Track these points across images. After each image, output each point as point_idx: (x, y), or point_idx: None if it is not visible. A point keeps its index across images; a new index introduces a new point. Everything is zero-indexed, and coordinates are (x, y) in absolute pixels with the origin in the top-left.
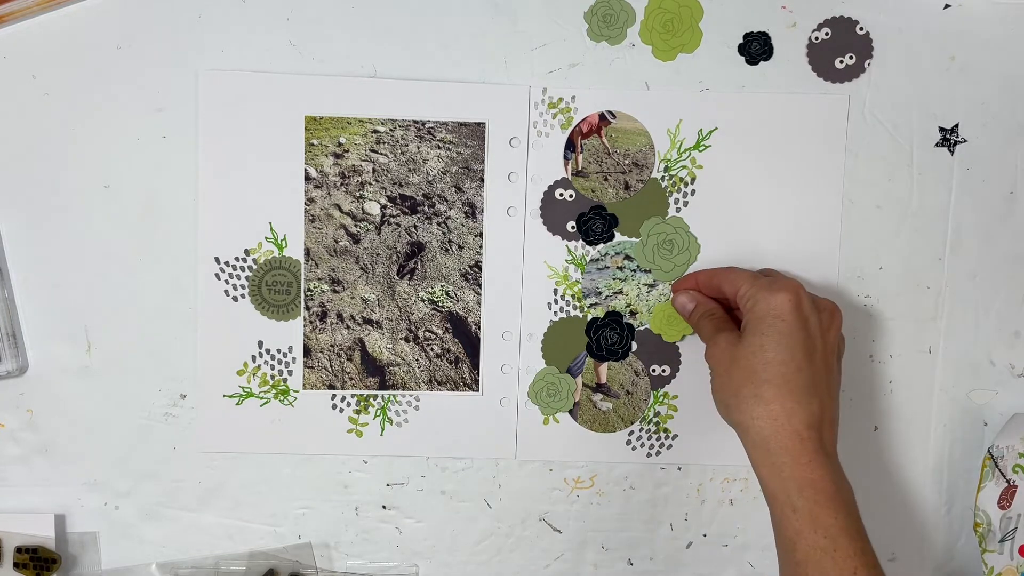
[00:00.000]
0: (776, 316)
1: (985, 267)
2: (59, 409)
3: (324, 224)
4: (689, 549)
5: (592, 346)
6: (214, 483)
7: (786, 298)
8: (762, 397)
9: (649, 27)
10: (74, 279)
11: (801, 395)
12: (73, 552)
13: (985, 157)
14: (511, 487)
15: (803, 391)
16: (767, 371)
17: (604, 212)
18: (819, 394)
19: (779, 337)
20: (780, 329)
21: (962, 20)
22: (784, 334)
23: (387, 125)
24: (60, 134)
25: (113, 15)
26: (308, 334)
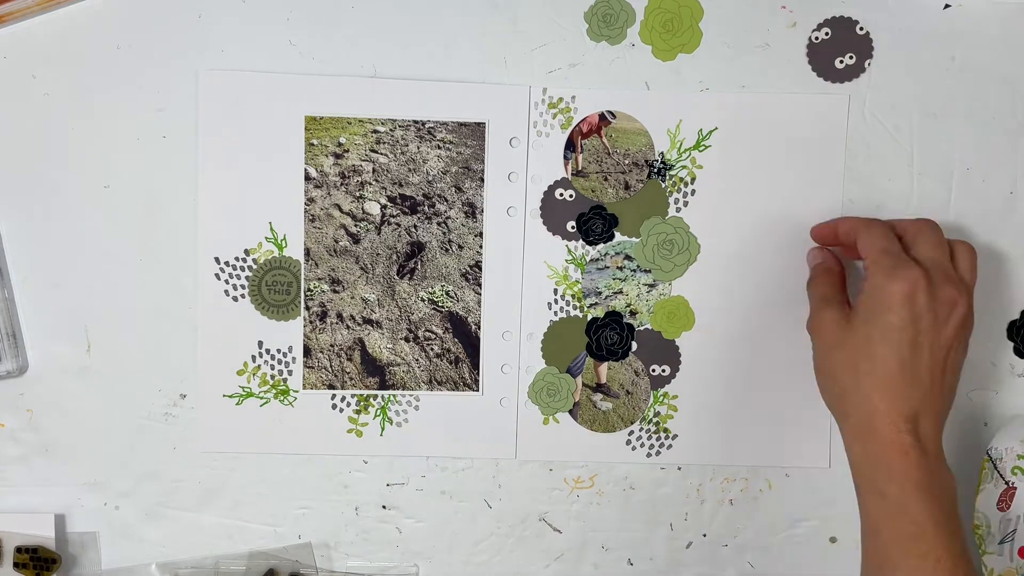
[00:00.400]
0: (887, 308)
1: (985, 267)
2: (59, 409)
3: (324, 224)
4: (689, 549)
5: (592, 346)
6: (214, 483)
7: (901, 290)
8: (861, 389)
9: (649, 27)
10: (74, 279)
11: (901, 390)
12: (73, 552)
13: (985, 157)
14: (511, 487)
15: (905, 386)
16: (871, 362)
17: (604, 212)
18: (921, 387)
19: (886, 332)
20: (889, 323)
21: (962, 20)
22: (893, 328)
23: (387, 125)
24: (60, 134)
25: (113, 15)
26: (308, 334)
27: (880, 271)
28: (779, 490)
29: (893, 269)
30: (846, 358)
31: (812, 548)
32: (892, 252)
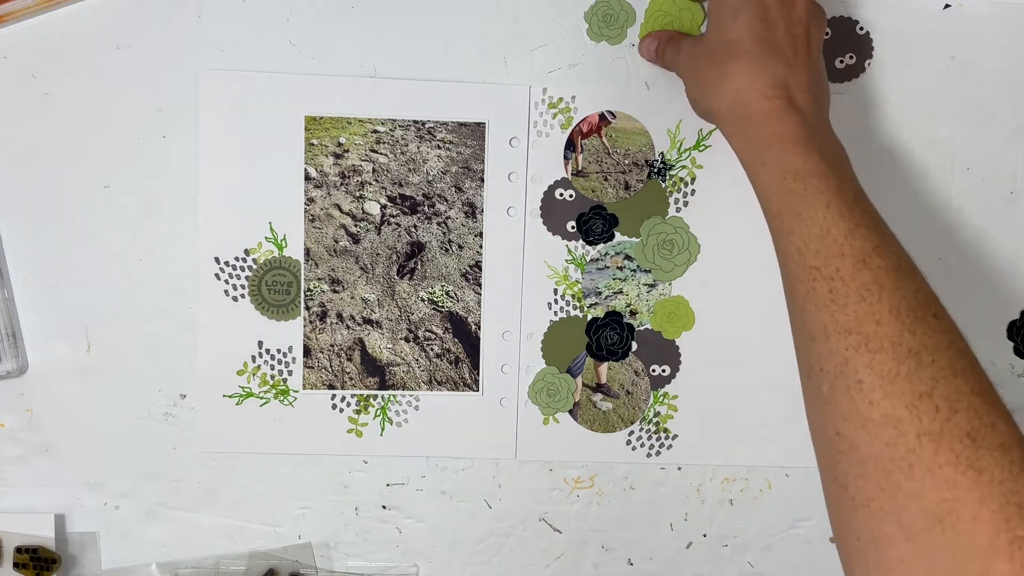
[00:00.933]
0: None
1: (985, 267)
2: (59, 409)
3: (324, 224)
4: (689, 549)
5: (592, 346)
6: (214, 483)
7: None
8: (727, 75)
9: (649, 30)
10: (74, 279)
11: (762, 62)
12: (73, 552)
13: (985, 157)
14: (511, 487)
15: (764, 57)
16: (728, 50)
17: (604, 212)
18: (783, 58)
19: (735, 13)
20: (734, 5)
21: (962, 20)
22: (740, 9)
23: (387, 125)
24: (60, 134)
25: (113, 15)
26: (308, 334)
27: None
28: (779, 490)
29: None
30: (707, 61)
31: (812, 548)
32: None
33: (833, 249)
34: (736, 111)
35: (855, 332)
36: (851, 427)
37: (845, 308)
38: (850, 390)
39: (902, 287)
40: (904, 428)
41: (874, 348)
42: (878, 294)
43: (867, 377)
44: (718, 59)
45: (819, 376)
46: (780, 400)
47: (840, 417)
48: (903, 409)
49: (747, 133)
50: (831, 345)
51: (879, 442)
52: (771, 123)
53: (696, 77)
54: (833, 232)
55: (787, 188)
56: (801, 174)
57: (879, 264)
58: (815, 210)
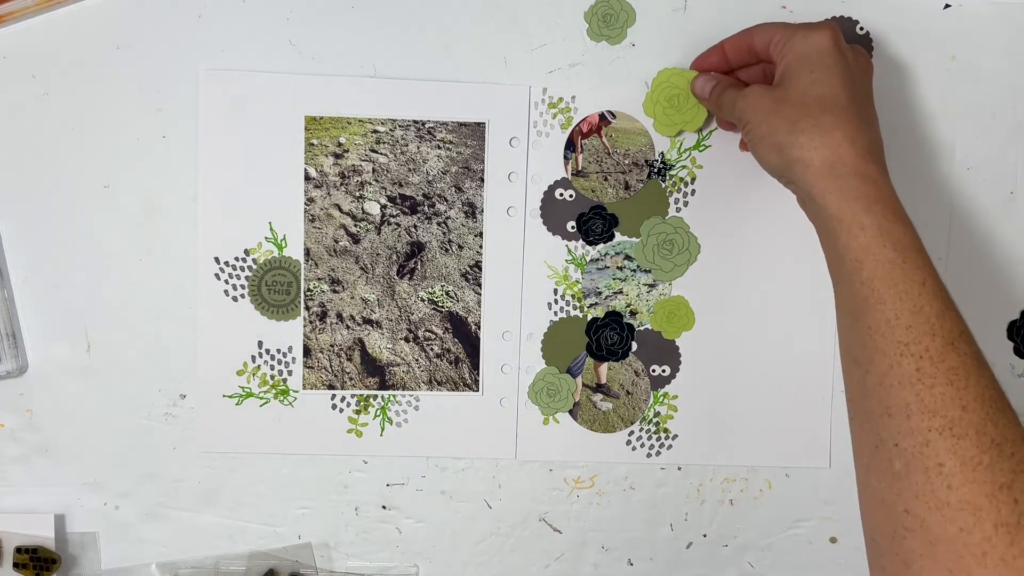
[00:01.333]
0: (821, 52)
1: (985, 267)
2: (59, 409)
3: (324, 224)
4: (689, 549)
5: (592, 346)
6: (214, 483)
7: (827, 35)
8: (822, 126)
9: (654, 100)
10: (74, 279)
11: (859, 122)
12: (73, 552)
13: (985, 157)
14: (511, 487)
15: (860, 119)
16: (822, 103)
17: (604, 212)
18: (868, 120)
19: (828, 71)
20: (827, 64)
21: (962, 20)
22: (832, 68)
23: (387, 125)
24: (60, 134)
25: (113, 15)
26: (308, 334)
27: (797, 32)
28: (779, 490)
29: (809, 26)
30: (793, 110)
31: (812, 548)
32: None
33: (925, 327)
34: (836, 166)
35: (940, 414)
36: (924, 507)
37: (932, 389)
38: (928, 471)
39: (985, 376)
40: (982, 516)
41: (959, 434)
42: (965, 380)
43: (948, 461)
44: (812, 110)
45: (892, 451)
46: (780, 400)
47: (913, 495)
48: (983, 498)
49: (844, 191)
50: (912, 424)
51: (954, 526)
52: (870, 185)
53: (781, 123)
54: (927, 310)
55: (886, 257)
56: (902, 245)
57: (965, 350)
58: (911, 284)
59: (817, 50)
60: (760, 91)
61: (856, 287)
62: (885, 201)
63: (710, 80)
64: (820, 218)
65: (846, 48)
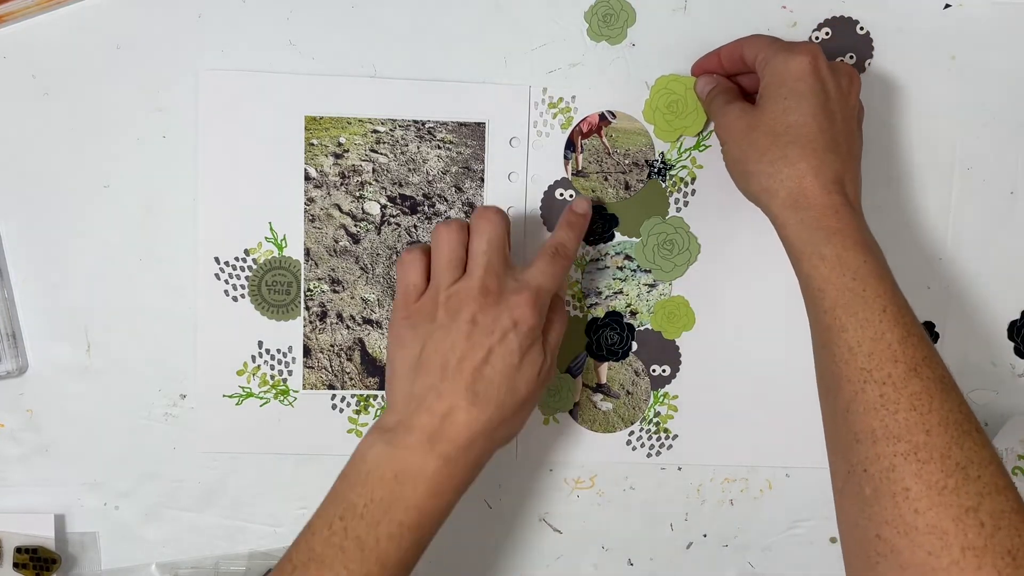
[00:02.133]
0: (797, 78)
1: (985, 267)
2: (59, 409)
3: (324, 224)
4: (689, 549)
5: (592, 346)
6: (214, 483)
7: (805, 60)
8: (788, 158)
9: (653, 106)
10: (74, 279)
11: (826, 153)
12: (73, 552)
13: (985, 157)
14: (511, 487)
15: (827, 150)
16: (790, 133)
17: (604, 212)
18: (841, 153)
19: (800, 99)
20: (800, 91)
21: (962, 20)
22: (805, 96)
23: (387, 125)
24: (60, 134)
25: (113, 15)
26: (308, 334)
27: (778, 52)
28: (779, 490)
29: (790, 47)
30: (766, 135)
31: (812, 548)
32: (780, 41)
33: (887, 354)
34: (798, 198)
35: (904, 440)
36: (894, 532)
37: (896, 415)
38: (896, 496)
39: (949, 400)
40: (949, 540)
41: (923, 458)
42: (928, 404)
43: (914, 486)
44: (780, 140)
45: (862, 477)
46: (780, 400)
47: (883, 521)
48: (949, 521)
49: (805, 222)
50: (878, 449)
51: (922, 551)
52: (830, 217)
53: (750, 151)
54: (888, 337)
55: (845, 286)
56: (861, 274)
57: (928, 375)
58: (872, 312)
59: (794, 75)
60: (738, 113)
61: (820, 316)
62: (846, 231)
63: (709, 82)
64: (786, 247)
65: (827, 73)
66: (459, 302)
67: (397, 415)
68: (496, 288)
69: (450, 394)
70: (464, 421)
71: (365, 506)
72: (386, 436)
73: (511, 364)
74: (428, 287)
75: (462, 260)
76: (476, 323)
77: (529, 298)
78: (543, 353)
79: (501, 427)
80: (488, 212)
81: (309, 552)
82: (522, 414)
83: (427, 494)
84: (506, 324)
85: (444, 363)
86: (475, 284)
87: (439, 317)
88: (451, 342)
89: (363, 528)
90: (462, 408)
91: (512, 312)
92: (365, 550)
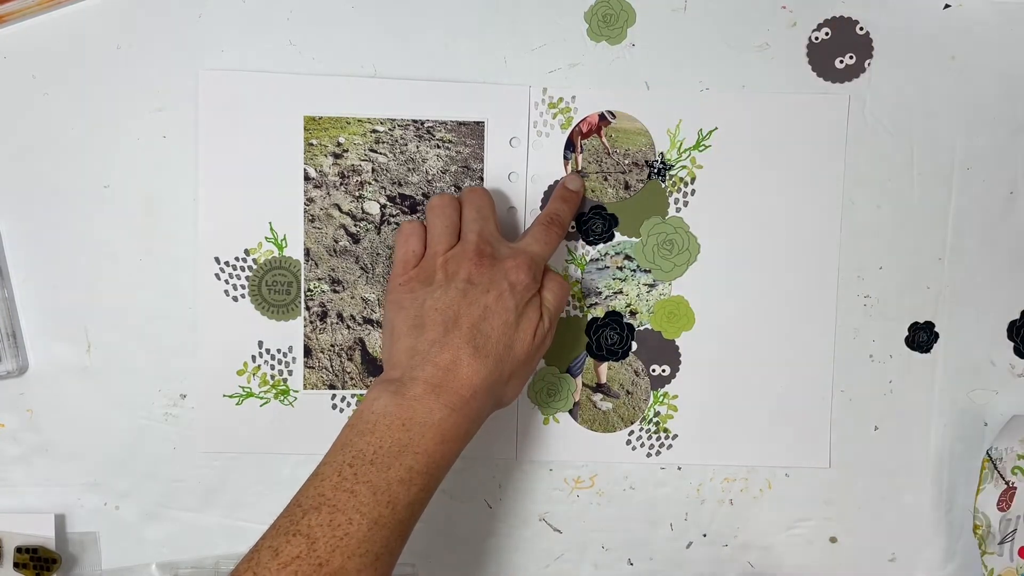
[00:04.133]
0: None
1: (985, 267)
2: (59, 409)
3: (324, 224)
4: (689, 549)
5: (592, 346)
6: (214, 483)
7: None
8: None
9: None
10: (74, 279)
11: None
12: (73, 552)
13: (985, 157)
14: (511, 487)
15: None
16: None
17: (604, 212)
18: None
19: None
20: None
21: (962, 20)
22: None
23: (386, 125)
24: (60, 134)
25: (113, 15)
26: (308, 334)
27: None
28: (779, 490)
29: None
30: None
31: (812, 548)
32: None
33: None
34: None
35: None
36: None
37: None
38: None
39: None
40: None
41: None
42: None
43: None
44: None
45: None
46: (780, 400)
47: None
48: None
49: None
50: None
51: None
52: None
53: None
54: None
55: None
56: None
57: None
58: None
59: None
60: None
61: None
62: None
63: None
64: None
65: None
66: (456, 264)
67: (400, 369)
68: (490, 252)
69: (453, 347)
70: (467, 372)
71: (375, 452)
72: (392, 387)
73: (507, 322)
74: (425, 254)
75: (457, 228)
76: (472, 282)
77: (523, 261)
78: (540, 314)
79: (499, 384)
80: (476, 188)
81: (319, 497)
82: (520, 376)
83: (435, 440)
84: (501, 284)
85: (445, 320)
86: (471, 248)
87: (437, 279)
88: (449, 300)
89: (374, 473)
90: (464, 360)
91: (507, 273)
92: (377, 494)
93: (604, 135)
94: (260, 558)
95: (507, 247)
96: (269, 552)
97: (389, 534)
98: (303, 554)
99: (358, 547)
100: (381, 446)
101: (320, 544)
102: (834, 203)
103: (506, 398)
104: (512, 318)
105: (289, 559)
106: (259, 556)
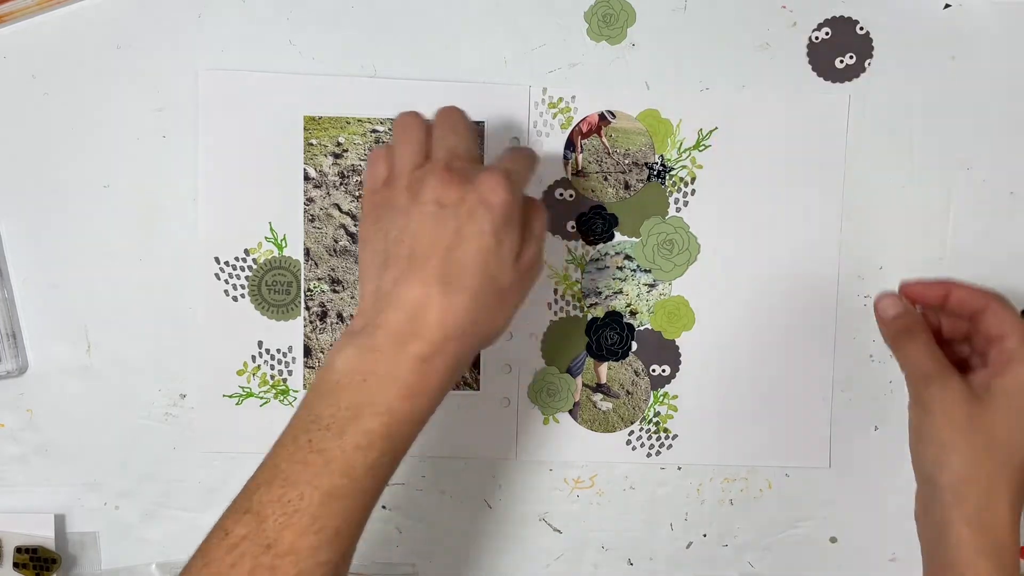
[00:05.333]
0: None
1: (985, 267)
2: (59, 409)
3: (324, 224)
4: (689, 549)
5: (592, 346)
6: (214, 483)
7: None
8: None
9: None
10: (74, 279)
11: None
12: (73, 552)
13: (985, 157)
14: (511, 487)
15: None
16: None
17: (604, 212)
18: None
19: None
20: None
21: (962, 20)
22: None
23: (386, 125)
24: (60, 134)
25: (113, 15)
26: (308, 334)
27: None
28: (779, 490)
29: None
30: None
31: (812, 548)
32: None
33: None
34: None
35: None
36: None
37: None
38: None
39: None
40: None
41: None
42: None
43: None
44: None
45: None
46: (780, 400)
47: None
48: None
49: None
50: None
51: None
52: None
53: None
54: None
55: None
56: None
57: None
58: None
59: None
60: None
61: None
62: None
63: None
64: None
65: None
66: (421, 184)
67: (364, 317)
68: (461, 168)
69: (419, 284)
70: (437, 315)
71: (332, 416)
72: (355, 340)
73: (484, 246)
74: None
75: (425, 146)
76: (441, 204)
77: (500, 176)
78: (522, 237)
79: (480, 321)
80: (450, 106)
81: (273, 469)
82: (504, 307)
83: (398, 396)
84: (474, 202)
85: (411, 252)
86: (439, 165)
87: (400, 202)
88: (415, 227)
89: (328, 440)
90: (434, 299)
91: (480, 190)
92: (331, 463)
93: (604, 135)
94: (211, 540)
95: (481, 166)
96: (219, 533)
97: (349, 505)
98: (251, 534)
99: (311, 523)
100: (338, 408)
101: (269, 523)
102: (834, 203)
103: (492, 335)
104: (490, 241)
105: (237, 540)
106: (210, 538)
